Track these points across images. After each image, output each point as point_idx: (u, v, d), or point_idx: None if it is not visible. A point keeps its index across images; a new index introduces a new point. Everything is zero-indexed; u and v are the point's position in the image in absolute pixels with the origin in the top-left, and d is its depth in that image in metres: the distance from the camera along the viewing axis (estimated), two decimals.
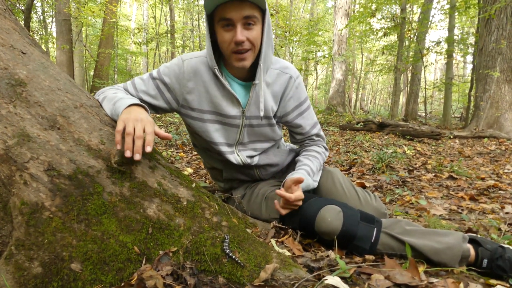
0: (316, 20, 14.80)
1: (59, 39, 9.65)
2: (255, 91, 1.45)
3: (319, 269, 1.17)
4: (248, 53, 1.33)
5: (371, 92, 30.39)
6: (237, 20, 1.25)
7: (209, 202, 1.24)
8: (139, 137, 1.06)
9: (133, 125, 1.07)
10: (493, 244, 1.28)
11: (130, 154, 1.04)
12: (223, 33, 1.30)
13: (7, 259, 0.95)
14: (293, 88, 1.53)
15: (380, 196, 2.52)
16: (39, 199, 0.98)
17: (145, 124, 1.10)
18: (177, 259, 1.06)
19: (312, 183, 1.53)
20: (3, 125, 1.00)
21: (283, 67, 1.51)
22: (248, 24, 1.28)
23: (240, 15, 1.24)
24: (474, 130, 7.31)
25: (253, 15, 1.27)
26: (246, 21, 1.27)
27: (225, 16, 1.25)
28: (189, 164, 3.57)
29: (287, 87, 1.52)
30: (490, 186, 2.86)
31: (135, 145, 1.05)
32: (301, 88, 1.57)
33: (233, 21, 1.26)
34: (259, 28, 1.32)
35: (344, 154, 4.67)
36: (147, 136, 1.08)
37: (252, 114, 1.50)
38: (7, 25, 1.19)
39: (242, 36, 1.27)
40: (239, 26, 1.26)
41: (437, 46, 10.87)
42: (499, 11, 7.31)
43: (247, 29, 1.28)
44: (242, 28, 1.27)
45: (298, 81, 1.55)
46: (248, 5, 1.25)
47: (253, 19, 1.27)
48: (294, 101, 1.56)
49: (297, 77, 1.54)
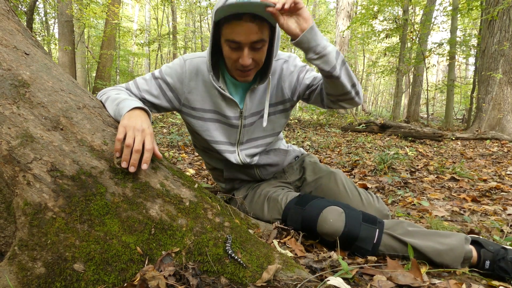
0: (318, 22, 14.79)
1: (61, 40, 9.67)
2: (252, 93, 1.47)
3: (321, 270, 1.17)
4: (252, 70, 1.34)
5: (373, 94, 30.36)
6: (245, 44, 1.24)
7: (211, 202, 1.24)
8: (137, 151, 1.06)
9: (133, 136, 1.07)
10: (496, 245, 1.28)
11: (126, 165, 1.06)
12: (229, 51, 1.29)
13: (10, 260, 0.95)
14: (288, 67, 1.53)
15: (382, 197, 2.52)
16: (42, 200, 0.98)
17: (145, 136, 1.10)
18: (180, 259, 1.06)
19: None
20: (7, 126, 1.01)
21: None
22: (256, 48, 1.27)
23: (248, 40, 1.23)
24: (476, 131, 7.29)
25: (261, 39, 1.25)
26: (254, 45, 1.26)
27: (233, 39, 1.24)
28: (191, 165, 3.57)
29: (282, 69, 1.52)
30: (492, 187, 2.86)
31: (132, 158, 1.06)
32: (298, 61, 1.56)
33: (241, 44, 1.25)
34: (266, 46, 1.32)
35: (346, 156, 4.67)
36: (145, 153, 1.08)
37: (249, 113, 1.51)
38: (10, 26, 1.20)
39: (248, 60, 1.27)
40: (246, 50, 1.26)
41: (439, 47, 10.86)
42: (502, 13, 7.31)
43: (254, 50, 1.28)
44: (249, 51, 1.27)
45: (291, 59, 1.54)
46: (258, 26, 1.22)
47: (261, 43, 1.26)
48: (297, 71, 1.54)
49: (289, 57, 1.54)
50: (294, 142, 5.86)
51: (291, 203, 1.50)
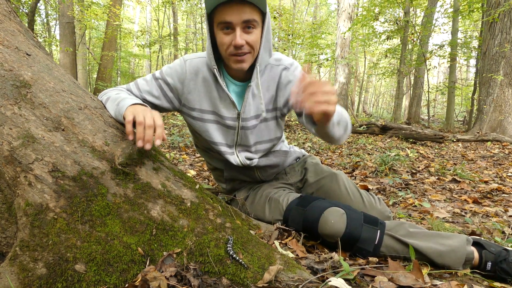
0: (319, 23, 14.80)
1: (62, 41, 9.69)
2: (250, 93, 1.45)
3: (322, 271, 1.17)
4: (247, 55, 1.32)
5: (374, 95, 30.35)
6: (237, 23, 1.24)
7: (212, 203, 1.24)
8: (150, 126, 1.06)
9: (143, 115, 1.08)
10: (497, 247, 1.28)
11: (142, 144, 1.05)
12: (222, 36, 1.29)
13: (11, 260, 0.95)
14: (287, 76, 1.49)
15: (383, 199, 2.51)
16: (43, 200, 0.98)
17: (154, 115, 1.10)
18: (181, 260, 1.06)
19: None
20: (8, 127, 1.01)
21: (274, 60, 1.50)
22: (248, 28, 1.27)
23: (240, 19, 1.23)
24: (477, 133, 7.28)
25: (253, 19, 1.25)
26: (245, 24, 1.25)
27: (224, 19, 1.24)
28: (192, 166, 3.57)
29: (280, 76, 1.49)
30: (493, 189, 2.85)
31: (146, 134, 1.05)
32: (298, 72, 1.52)
33: (233, 24, 1.25)
34: (259, 31, 1.31)
35: (347, 157, 4.66)
36: (157, 129, 1.08)
37: (248, 115, 1.49)
38: (12, 27, 1.20)
39: (241, 40, 1.26)
40: (239, 30, 1.25)
41: (440, 49, 10.86)
42: (503, 15, 7.31)
43: (246, 33, 1.28)
44: (242, 31, 1.26)
45: (292, 67, 1.50)
46: (249, 8, 1.23)
47: (252, 23, 1.26)
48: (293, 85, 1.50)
49: (291, 65, 1.50)
50: (295, 143, 5.86)
51: (293, 204, 1.49)
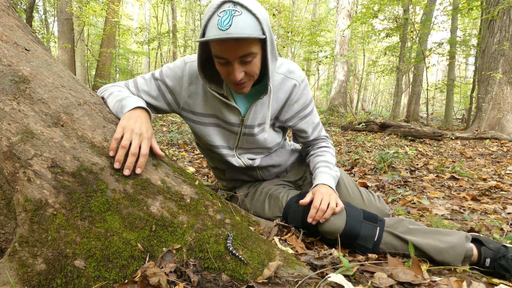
0: (319, 21, 14.79)
1: (61, 38, 9.67)
2: (258, 104, 1.41)
3: (322, 267, 1.17)
4: (247, 82, 1.25)
5: (373, 93, 30.35)
6: (233, 59, 1.15)
7: (212, 200, 1.24)
8: (133, 154, 1.07)
9: (130, 138, 1.07)
10: (496, 243, 1.28)
11: (118, 166, 1.06)
12: (220, 66, 1.21)
13: (10, 256, 0.95)
14: (297, 94, 1.46)
15: (382, 196, 2.52)
16: (42, 196, 0.98)
17: (143, 140, 1.10)
18: (181, 256, 1.06)
19: (335, 174, 1.55)
20: (7, 122, 1.00)
21: (288, 71, 1.44)
22: (246, 61, 1.17)
23: (235, 55, 1.14)
24: (476, 131, 7.30)
25: (250, 52, 1.15)
26: (243, 59, 1.16)
27: (220, 55, 1.15)
28: (191, 163, 3.57)
29: (291, 93, 1.45)
30: (492, 186, 2.86)
31: (128, 161, 1.06)
32: (306, 92, 1.50)
33: (229, 60, 1.15)
34: (259, 57, 1.21)
35: (346, 154, 4.67)
36: (141, 157, 1.08)
37: (252, 123, 1.46)
38: (10, 22, 1.20)
39: (239, 75, 1.18)
40: (236, 64, 1.16)
41: (439, 47, 10.85)
42: (502, 13, 7.31)
43: (245, 64, 1.18)
44: (239, 65, 1.17)
45: (303, 85, 1.47)
46: (245, 43, 1.12)
47: (250, 56, 1.16)
48: (298, 106, 1.50)
49: (302, 81, 1.46)
50: None
51: (292, 200, 1.49)
